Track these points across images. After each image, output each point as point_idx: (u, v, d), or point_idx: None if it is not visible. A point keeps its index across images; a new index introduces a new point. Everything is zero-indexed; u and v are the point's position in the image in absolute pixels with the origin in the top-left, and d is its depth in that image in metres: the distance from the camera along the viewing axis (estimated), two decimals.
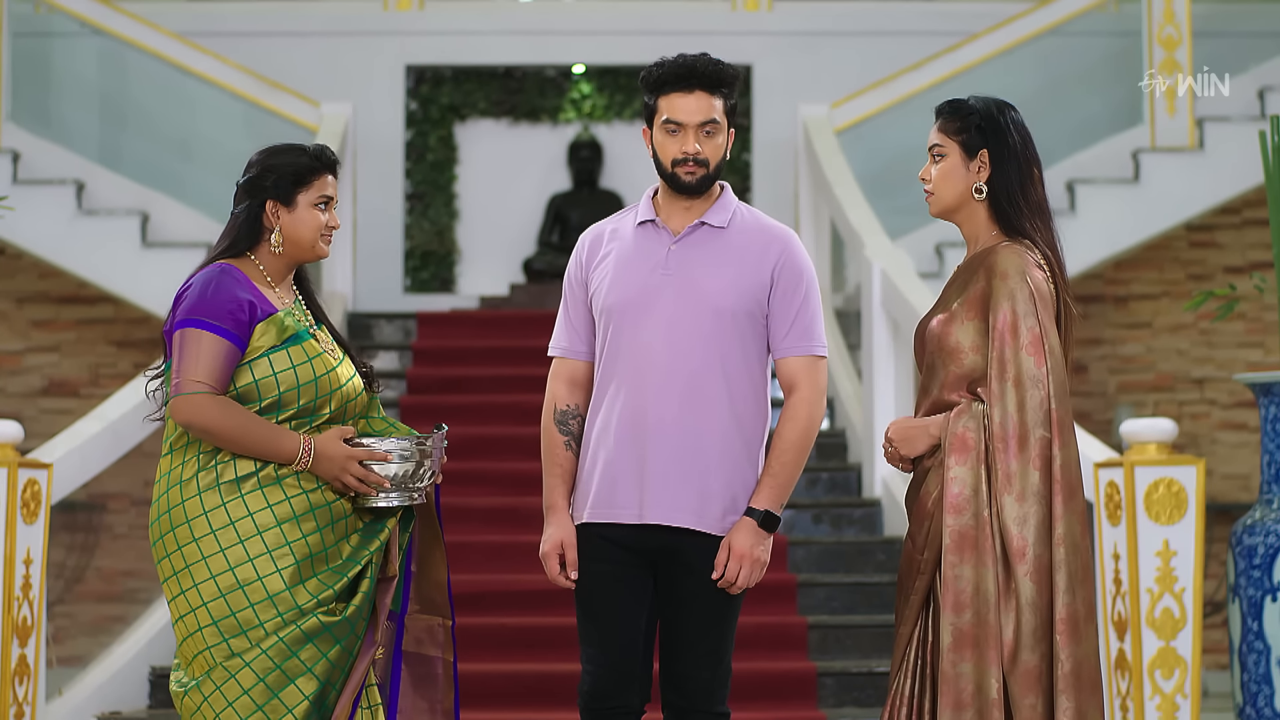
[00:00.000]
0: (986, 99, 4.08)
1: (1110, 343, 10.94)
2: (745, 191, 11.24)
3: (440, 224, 11.30)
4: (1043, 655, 3.82)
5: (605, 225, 4.32)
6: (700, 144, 4.15)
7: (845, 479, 8.59)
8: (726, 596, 4.14)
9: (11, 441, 6.14)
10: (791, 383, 4.20)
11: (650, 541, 4.13)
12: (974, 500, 3.87)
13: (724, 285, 4.14)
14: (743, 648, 7.13)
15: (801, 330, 4.19)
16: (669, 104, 4.15)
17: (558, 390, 4.27)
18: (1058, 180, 10.01)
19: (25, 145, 9.96)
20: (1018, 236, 4.02)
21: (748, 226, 4.23)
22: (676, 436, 4.10)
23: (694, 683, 4.14)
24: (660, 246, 4.19)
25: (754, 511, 4.13)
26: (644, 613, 4.18)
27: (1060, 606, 3.82)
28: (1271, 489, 6.06)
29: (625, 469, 4.12)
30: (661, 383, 4.11)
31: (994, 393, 3.89)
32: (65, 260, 9.78)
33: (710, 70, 4.15)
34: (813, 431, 4.18)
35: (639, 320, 4.14)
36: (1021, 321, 3.90)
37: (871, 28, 11.21)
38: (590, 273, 4.25)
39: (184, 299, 3.96)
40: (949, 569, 3.85)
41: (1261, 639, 5.93)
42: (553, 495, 4.21)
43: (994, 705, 3.80)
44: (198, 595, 3.87)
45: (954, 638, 3.84)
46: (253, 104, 10.37)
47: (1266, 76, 10.31)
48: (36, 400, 10.66)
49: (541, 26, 11.42)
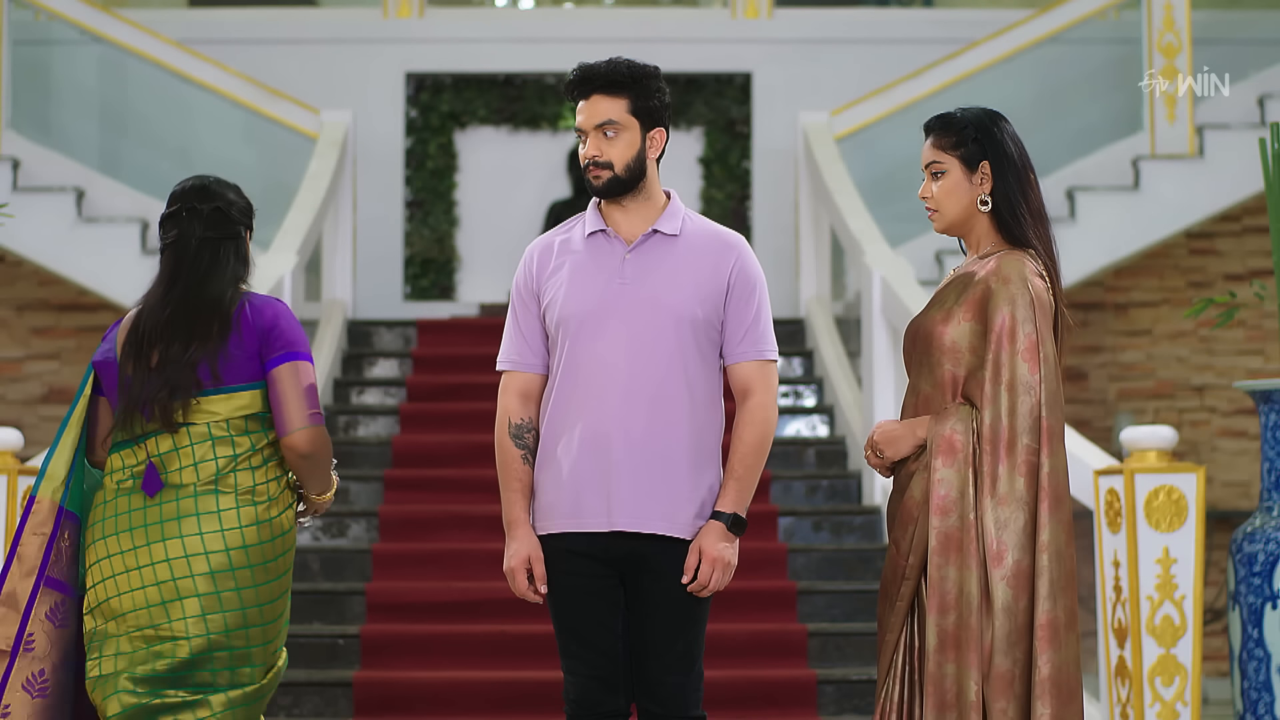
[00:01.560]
0: (975, 110, 4.09)
1: (1110, 350, 10.95)
2: (745, 199, 11.25)
3: (440, 231, 11.30)
4: (1016, 660, 3.83)
5: (553, 236, 4.31)
6: (601, 147, 4.18)
7: (845, 486, 8.59)
8: (695, 600, 4.15)
9: (11, 449, 6.13)
10: (747, 387, 4.21)
11: (617, 550, 4.13)
12: (960, 502, 3.89)
13: (684, 294, 4.15)
14: (743, 655, 7.18)
15: (755, 336, 4.21)
16: (577, 113, 4.25)
17: (510, 404, 4.24)
18: (1058, 188, 10.01)
19: (25, 153, 9.96)
20: (1022, 245, 4.03)
21: (700, 234, 4.25)
22: (643, 444, 4.10)
23: (667, 688, 4.14)
24: (614, 256, 4.20)
25: (722, 515, 4.14)
26: (619, 618, 4.18)
27: (1041, 613, 3.83)
28: (1271, 496, 6.06)
29: (591, 479, 4.11)
30: (625, 392, 4.11)
31: (987, 395, 3.90)
32: (65, 268, 9.79)
33: (604, 72, 4.20)
34: (770, 434, 4.20)
35: (599, 331, 4.14)
36: (1020, 327, 3.91)
37: (871, 35, 11.22)
38: (543, 284, 4.23)
39: (280, 331, 4.02)
40: (934, 570, 3.87)
41: (1262, 646, 5.92)
42: (514, 510, 4.20)
43: (973, 708, 3.82)
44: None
45: (939, 639, 3.86)
46: (253, 112, 10.38)
47: (1266, 84, 10.32)
48: (36, 408, 10.66)
49: (541, 34, 11.43)
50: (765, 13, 11.24)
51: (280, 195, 10.03)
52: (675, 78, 11.28)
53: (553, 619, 4.22)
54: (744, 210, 11.28)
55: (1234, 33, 10.77)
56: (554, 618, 4.21)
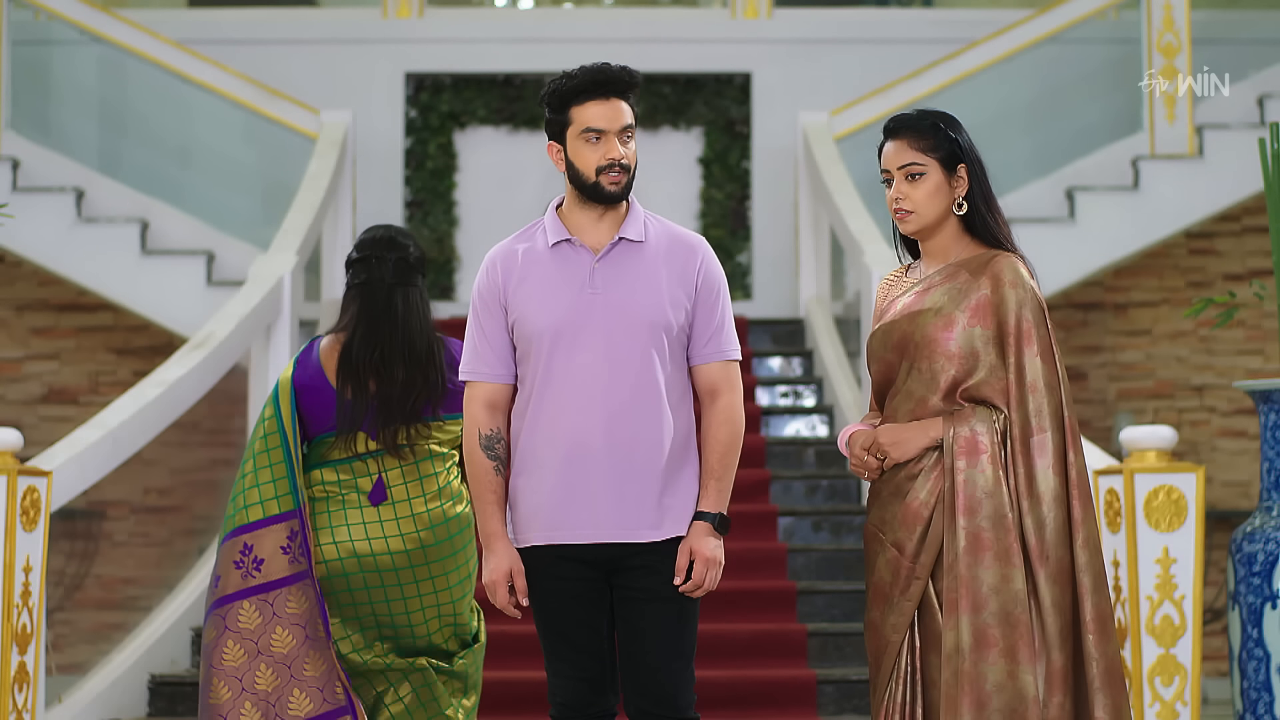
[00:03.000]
0: (936, 112, 4.12)
1: (1110, 350, 10.95)
2: (745, 199, 11.25)
3: (440, 231, 11.30)
4: (1068, 655, 3.90)
5: (514, 245, 4.29)
6: (623, 151, 4.16)
7: (844, 486, 8.59)
8: (687, 600, 4.15)
9: (11, 449, 6.14)
10: (715, 388, 4.21)
11: (602, 554, 4.14)
12: (987, 502, 3.91)
13: (656, 300, 4.15)
14: (742, 655, 7.18)
15: (721, 338, 4.22)
16: (585, 113, 4.15)
17: (478, 415, 4.21)
18: (1057, 188, 10.02)
19: (25, 153, 9.97)
20: (998, 246, 4.07)
21: (663, 238, 4.24)
22: (625, 452, 4.10)
23: (662, 688, 4.14)
24: (582, 266, 4.18)
25: (707, 515, 4.14)
26: (605, 619, 4.19)
27: (1089, 607, 3.91)
28: (1271, 496, 6.06)
29: (573, 489, 4.11)
30: (603, 401, 4.10)
31: (1014, 397, 3.96)
32: (65, 268, 9.79)
33: (624, 76, 4.17)
34: (740, 432, 4.21)
35: (574, 342, 4.12)
36: (1034, 329, 3.98)
37: (871, 35, 11.22)
38: (509, 295, 4.21)
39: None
40: (965, 570, 3.89)
41: (1261, 646, 5.92)
42: (491, 523, 4.18)
43: (1034, 703, 3.86)
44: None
45: (974, 638, 3.87)
46: (253, 112, 10.38)
47: (1266, 84, 10.32)
48: (36, 408, 10.66)
49: (541, 34, 11.43)
50: (765, 13, 11.25)
51: (280, 195, 10.04)
52: (675, 78, 11.28)
53: (537, 625, 4.21)
54: (743, 210, 11.29)
55: (1233, 33, 10.77)
56: (539, 624, 4.21)
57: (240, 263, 9.71)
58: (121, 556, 10.35)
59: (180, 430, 7.96)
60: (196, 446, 9.77)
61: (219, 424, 9.35)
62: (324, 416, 4.75)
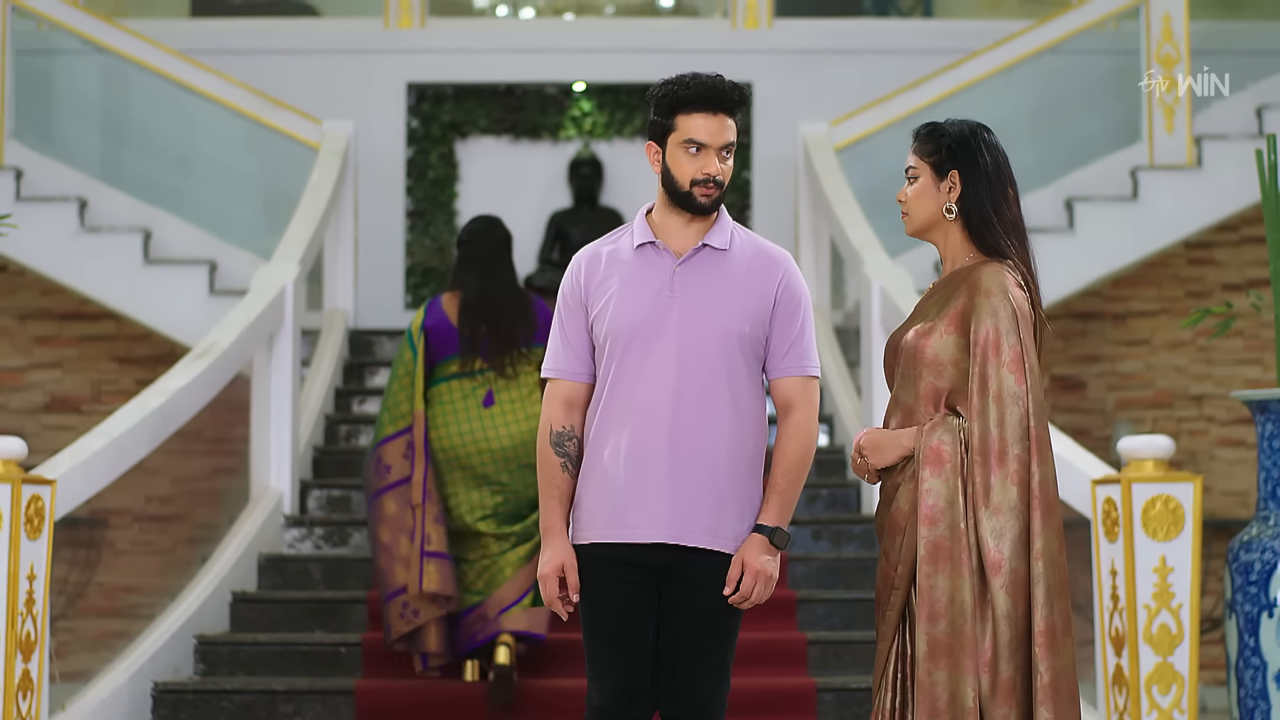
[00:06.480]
0: (963, 122, 4.16)
1: (1109, 359, 10.97)
2: (745, 209, 11.27)
3: (441, 241, 11.33)
4: (1018, 667, 3.89)
5: (601, 247, 4.33)
6: (720, 167, 4.20)
7: (844, 496, 8.62)
8: (732, 612, 4.18)
9: (15, 458, 6.16)
10: (790, 402, 4.25)
11: (657, 559, 4.16)
12: (949, 512, 3.94)
13: (731, 309, 4.18)
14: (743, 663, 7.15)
15: (800, 352, 4.25)
16: (691, 124, 4.19)
17: (554, 412, 4.27)
18: (1057, 198, 10.04)
19: (28, 163, 9.99)
20: (996, 255, 4.09)
21: (748, 249, 4.28)
22: (688, 457, 4.14)
23: (698, 697, 4.17)
24: (663, 269, 4.22)
25: (764, 528, 4.17)
26: (650, 627, 4.21)
27: (1039, 619, 3.89)
28: (1268, 505, 6.08)
29: (636, 490, 4.14)
30: (672, 404, 4.14)
31: (975, 408, 3.95)
32: (67, 277, 9.82)
33: (734, 93, 4.21)
34: (812, 449, 4.24)
35: (649, 344, 4.17)
36: (1004, 339, 3.97)
37: (871, 46, 11.24)
38: (590, 295, 4.26)
39: (549, 316, 6.40)
40: (924, 579, 3.92)
41: (1258, 654, 5.94)
42: (551, 517, 4.23)
43: (969, 714, 3.86)
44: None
45: (929, 647, 3.91)
46: (254, 121, 10.41)
47: (1264, 95, 10.34)
48: (39, 416, 10.68)
49: (542, 45, 11.46)
50: (765, 23, 11.27)
51: (282, 205, 10.06)
52: None
53: (584, 627, 4.23)
54: (744, 220, 11.30)
55: (1232, 43, 10.79)
56: (586, 626, 4.23)
57: (242, 272, 9.73)
58: (124, 565, 10.37)
59: (183, 439, 7.97)
60: (199, 455, 9.79)
61: (221, 433, 9.36)
62: (447, 347, 6.73)
